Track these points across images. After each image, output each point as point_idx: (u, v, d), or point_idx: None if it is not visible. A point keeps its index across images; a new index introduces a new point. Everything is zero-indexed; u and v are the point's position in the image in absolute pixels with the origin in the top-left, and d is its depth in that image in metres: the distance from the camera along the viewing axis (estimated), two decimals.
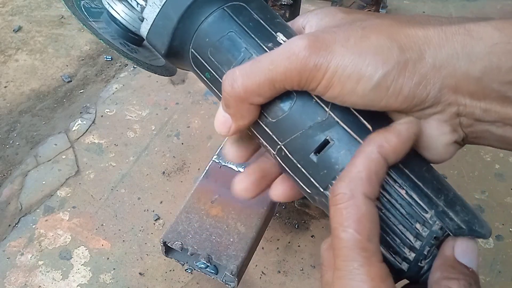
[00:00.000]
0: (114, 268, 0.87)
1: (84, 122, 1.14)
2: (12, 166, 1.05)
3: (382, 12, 1.45)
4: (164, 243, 0.64)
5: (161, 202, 0.98)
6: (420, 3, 1.61)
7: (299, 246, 0.91)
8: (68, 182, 1.01)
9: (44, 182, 1.01)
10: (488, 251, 0.91)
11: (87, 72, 1.30)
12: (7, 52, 1.33)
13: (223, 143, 0.76)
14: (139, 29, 0.35)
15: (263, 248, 0.90)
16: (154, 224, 0.94)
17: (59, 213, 0.96)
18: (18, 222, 0.94)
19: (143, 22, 0.34)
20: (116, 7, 0.38)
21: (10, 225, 0.94)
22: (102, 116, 1.16)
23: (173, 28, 0.32)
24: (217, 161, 0.73)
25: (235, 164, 0.72)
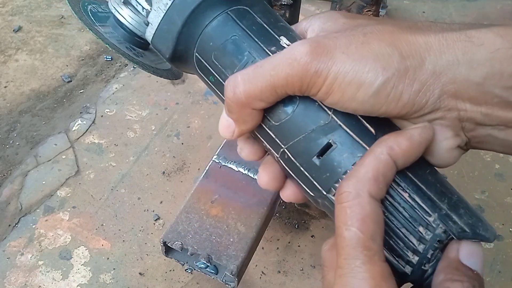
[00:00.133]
0: (114, 268, 0.87)
1: (84, 122, 1.14)
2: (12, 166, 1.05)
3: (382, 12, 1.45)
4: (164, 243, 0.64)
5: (161, 202, 0.98)
6: (420, 3, 1.61)
7: (299, 246, 0.91)
8: (68, 182, 1.01)
9: (44, 182, 1.01)
10: (488, 251, 0.91)
11: (87, 72, 1.30)
12: (7, 52, 1.33)
13: (223, 143, 0.76)
14: (145, 33, 0.35)
15: (263, 248, 0.90)
16: (154, 224, 0.94)
17: (59, 213, 0.96)
18: (18, 222, 0.94)
19: (148, 27, 0.34)
20: (122, 12, 0.39)
21: (10, 225, 0.94)
22: (102, 116, 1.16)
23: (177, 32, 0.32)
24: (217, 161, 0.73)
25: (235, 164, 0.72)
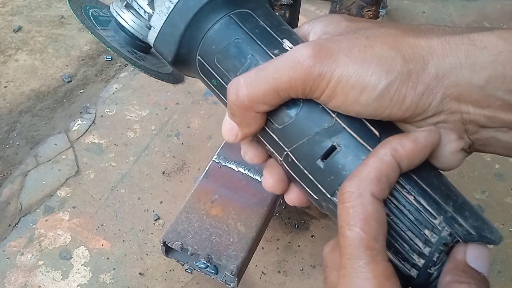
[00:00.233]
0: (114, 268, 0.87)
1: (84, 122, 1.14)
2: (12, 166, 1.05)
3: (382, 12, 1.45)
4: (164, 243, 0.64)
5: (161, 202, 0.98)
6: (420, 3, 1.61)
7: (299, 246, 0.91)
8: (68, 182, 1.01)
9: (44, 182, 1.01)
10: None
11: (87, 72, 1.30)
12: (7, 52, 1.33)
13: (223, 143, 0.76)
14: (147, 36, 0.35)
15: (263, 248, 0.90)
16: (154, 224, 0.94)
17: (59, 213, 0.96)
18: (18, 222, 0.94)
19: (150, 30, 0.34)
20: (124, 16, 0.39)
21: (10, 225, 0.94)
22: (102, 116, 1.16)
23: (180, 36, 0.32)
24: (217, 161, 0.73)
25: (235, 164, 0.72)
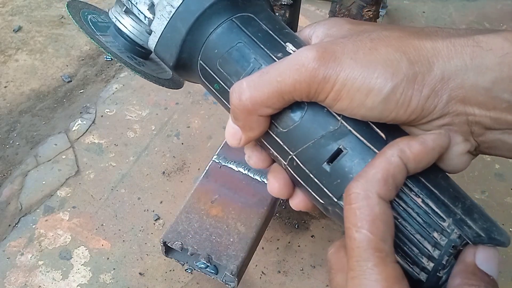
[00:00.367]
0: (114, 268, 0.87)
1: (84, 122, 1.14)
2: (12, 166, 1.05)
3: (382, 12, 1.45)
4: (164, 243, 0.64)
5: (161, 202, 0.98)
6: (420, 3, 1.61)
7: (299, 246, 0.91)
8: (68, 182, 1.01)
9: (44, 182, 1.01)
10: None
11: (87, 72, 1.30)
12: (7, 52, 1.33)
13: (223, 143, 0.76)
14: (147, 42, 0.35)
15: (263, 248, 0.90)
16: (154, 224, 0.94)
17: (59, 213, 0.96)
18: (18, 222, 0.94)
19: (151, 35, 0.34)
20: (123, 21, 0.38)
21: (10, 225, 0.94)
22: (102, 116, 1.16)
23: (181, 40, 0.32)
24: (217, 161, 0.73)
25: (235, 164, 0.72)
